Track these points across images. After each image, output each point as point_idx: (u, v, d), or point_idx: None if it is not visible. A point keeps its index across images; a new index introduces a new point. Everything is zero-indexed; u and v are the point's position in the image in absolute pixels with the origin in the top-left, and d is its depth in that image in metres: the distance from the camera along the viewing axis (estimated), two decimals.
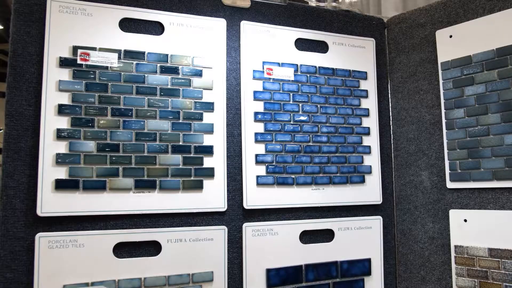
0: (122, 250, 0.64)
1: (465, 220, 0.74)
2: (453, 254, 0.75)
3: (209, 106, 0.70)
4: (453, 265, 0.74)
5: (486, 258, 0.71)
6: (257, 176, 0.71)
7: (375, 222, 0.80)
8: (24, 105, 0.62)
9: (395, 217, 0.83)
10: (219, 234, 0.68)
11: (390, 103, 0.85)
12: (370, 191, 0.80)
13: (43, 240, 0.60)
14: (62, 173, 0.61)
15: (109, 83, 0.65)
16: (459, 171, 0.74)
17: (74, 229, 0.62)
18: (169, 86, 0.68)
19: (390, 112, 0.85)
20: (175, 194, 0.66)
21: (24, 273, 0.59)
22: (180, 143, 0.67)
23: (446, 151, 0.76)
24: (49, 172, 0.61)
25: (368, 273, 0.78)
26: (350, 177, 0.78)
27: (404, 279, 0.81)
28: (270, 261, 0.71)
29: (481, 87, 0.73)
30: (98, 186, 0.62)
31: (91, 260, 0.61)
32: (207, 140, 0.69)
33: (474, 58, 0.74)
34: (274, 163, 0.73)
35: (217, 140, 0.70)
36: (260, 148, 0.72)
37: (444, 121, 0.77)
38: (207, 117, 0.70)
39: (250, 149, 0.72)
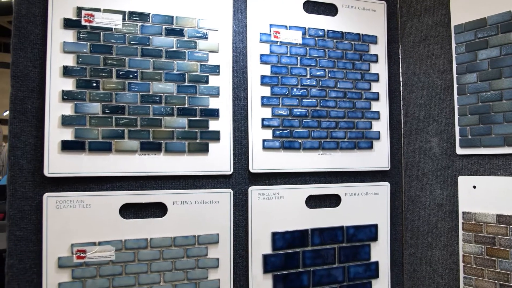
0: (129, 211, 0.64)
1: (474, 187, 0.73)
2: (460, 220, 0.74)
3: (215, 69, 0.69)
4: (460, 232, 0.74)
5: (494, 225, 0.70)
6: (263, 140, 0.71)
7: (383, 188, 0.79)
8: (29, 67, 0.61)
9: (403, 184, 0.82)
10: (224, 197, 0.68)
11: (400, 68, 0.84)
12: (378, 157, 0.79)
13: (50, 200, 0.60)
14: (68, 134, 0.61)
15: (114, 45, 0.64)
16: (470, 137, 0.73)
17: (81, 189, 0.62)
18: (174, 49, 0.67)
19: (400, 78, 0.83)
20: (181, 156, 0.66)
21: (33, 231, 0.60)
22: (186, 106, 0.67)
23: (456, 116, 0.75)
24: (55, 133, 0.61)
25: (375, 238, 0.78)
26: (358, 143, 0.77)
27: (411, 245, 0.81)
28: (275, 224, 0.71)
29: (495, 50, 0.70)
30: (103, 148, 0.62)
31: (98, 220, 0.62)
32: (213, 103, 0.68)
33: (489, 21, 0.71)
34: (280, 128, 0.72)
35: (223, 103, 0.69)
36: (267, 112, 0.72)
37: (455, 86, 0.75)
38: (213, 80, 0.69)
39: (256, 113, 0.71)
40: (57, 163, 0.61)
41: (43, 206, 0.60)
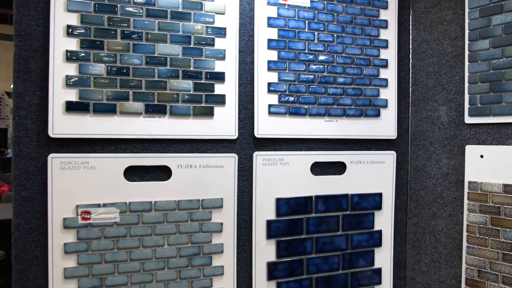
0: (133, 174, 0.64)
1: (481, 156, 0.72)
2: (466, 190, 0.73)
3: (221, 31, 0.67)
4: (465, 201, 0.73)
5: (500, 194, 0.69)
6: (269, 105, 0.70)
7: (388, 157, 0.79)
8: (33, 25, 0.60)
9: (409, 153, 0.82)
10: (229, 161, 0.68)
11: (410, 35, 0.82)
12: (385, 125, 0.78)
13: (55, 161, 0.60)
14: (72, 95, 0.61)
15: (118, 5, 0.63)
16: (479, 105, 0.72)
17: (86, 151, 0.62)
18: (180, 9, 0.66)
19: (410, 44, 0.82)
20: (186, 120, 0.65)
21: (39, 192, 0.61)
22: (191, 69, 0.66)
23: (466, 84, 0.73)
24: (59, 94, 0.60)
25: (379, 207, 0.78)
26: (365, 110, 0.76)
27: (415, 214, 0.81)
28: (280, 190, 0.71)
29: (510, 15, 0.68)
30: (108, 109, 0.62)
31: (102, 182, 0.62)
32: (218, 66, 0.67)
33: None
34: (287, 93, 0.71)
35: (229, 66, 0.68)
36: (273, 77, 0.70)
37: (466, 53, 0.73)
38: (219, 43, 0.68)
39: (263, 77, 0.70)
40: (61, 124, 0.60)
41: (48, 167, 0.60)
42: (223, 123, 0.67)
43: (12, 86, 0.59)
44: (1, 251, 2.98)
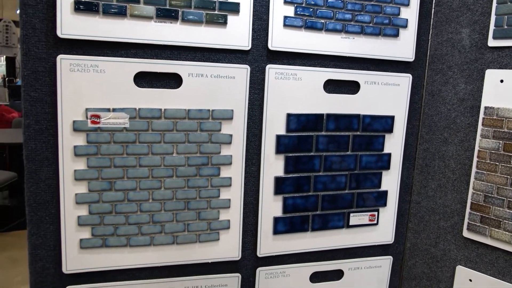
0: (143, 80, 0.63)
1: (502, 81, 0.70)
2: (481, 115, 0.72)
3: None
4: (479, 127, 0.72)
5: None
6: (285, 17, 0.67)
7: (404, 80, 0.76)
8: None
9: (426, 77, 0.79)
10: (241, 73, 0.66)
11: None
12: (403, 46, 0.75)
13: (64, 62, 0.59)
14: None
15: None
16: (505, 27, 0.68)
17: (95, 54, 0.61)
18: None
19: None
20: (198, 27, 0.63)
21: (48, 93, 0.60)
22: None
23: (494, 5, 0.69)
24: None
25: (390, 130, 0.77)
26: (384, 29, 0.73)
27: (426, 140, 0.80)
28: (291, 106, 0.70)
29: None
30: (118, 12, 0.60)
31: (112, 86, 0.61)
32: None
33: None
34: (303, 5, 0.68)
35: None
36: None
37: None
38: None
39: None
40: (70, 24, 0.58)
41: (57, 68, 0.59)
42: (237, 32, 0.65)
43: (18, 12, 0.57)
44: (13, 173, 3.07)
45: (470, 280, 0.75)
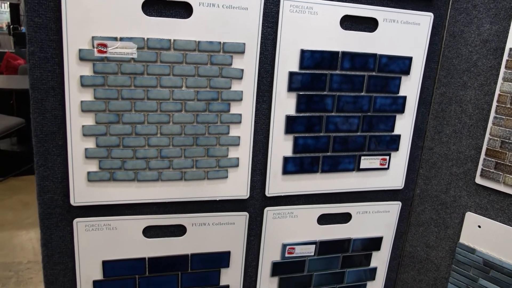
0: (151, 8, 0.60)
1: None
2: (505, 57, 0.68)
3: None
4: (502, 70, 0.69)
5: None
6: None
7: (425, 19, 0.73)
8: None
9: (448, 17, 0.75)
10: (254, 4, 0.62)
11: None
12: None
13: None
14: None
15: None
16: None
17: None
18: None
19: None
20: None
21: (52, 19, 0.57)
22: None
23: None
24: None
25: (407, 72, 0.74)
26: None
27: (443, 84, 0.77)
28: (305, 42, 0.67)
29: None
30: None
31: (119, 14, 0.58)
32: None
33: None
34: None
35: None
36: None
37: None
38: None
39: None
40: None
41: None
42: None
43: None
44: (21, 119, 3.08)
45: (479, 227, 0.74)
